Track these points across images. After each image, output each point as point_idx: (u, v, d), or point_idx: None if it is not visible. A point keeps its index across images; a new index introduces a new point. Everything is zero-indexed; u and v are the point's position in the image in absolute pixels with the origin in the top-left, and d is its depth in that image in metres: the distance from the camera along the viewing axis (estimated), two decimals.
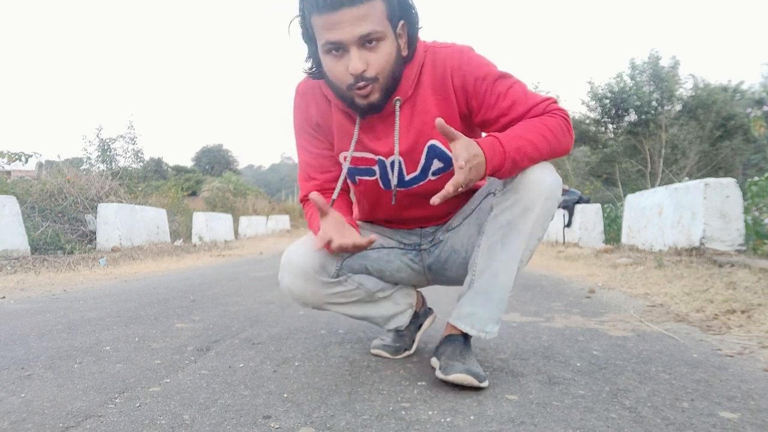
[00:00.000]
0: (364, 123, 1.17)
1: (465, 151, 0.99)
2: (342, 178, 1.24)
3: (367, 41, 1.01)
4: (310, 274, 1.22)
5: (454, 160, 0.99)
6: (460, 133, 1.02)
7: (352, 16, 0.98)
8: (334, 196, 1.25)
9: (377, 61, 1.04)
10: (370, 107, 1.10)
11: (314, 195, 1.12)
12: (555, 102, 1.15)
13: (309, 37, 1.09)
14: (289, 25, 1.10)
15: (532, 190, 1.11)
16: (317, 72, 1.14)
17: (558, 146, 1.11)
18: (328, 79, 1.10)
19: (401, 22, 1.07)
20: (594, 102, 16.02)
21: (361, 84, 1.05)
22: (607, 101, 15.62)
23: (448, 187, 0.98)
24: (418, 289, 1.53)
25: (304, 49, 1.14)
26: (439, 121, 0.99)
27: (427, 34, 1.16)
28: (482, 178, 1.07)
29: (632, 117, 15.65)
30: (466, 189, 1.02)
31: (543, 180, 1.11)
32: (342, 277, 1.27)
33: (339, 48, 1.03)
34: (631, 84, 15.32)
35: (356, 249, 1.14)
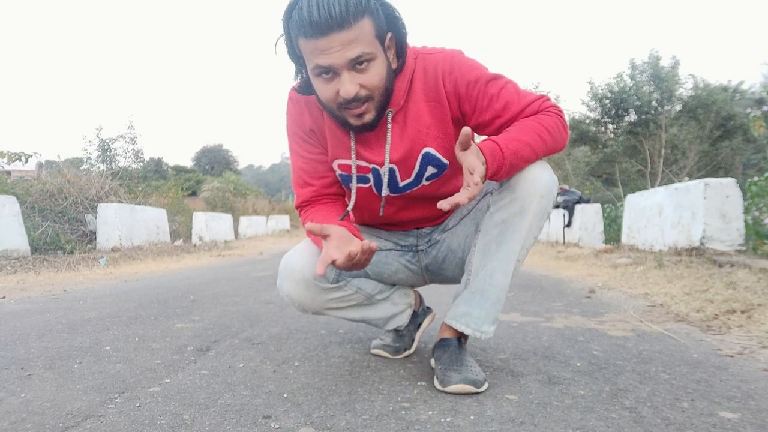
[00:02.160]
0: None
1: (478, 165, 0.96)
2: (354, 188, 1.22)
3: (357, 63, 1.00)
4: (309, 281, 1.21)
5: (466, 175, 0.95)
6: (472, 143, 0.99)
7: (342, 40, 0.96)
8: (349, 208, 1.22)
9: (369, 81, 1.02)
10: (365, 126, 1.09)
11: (310, 226, 1.05)
12: (548, 99, 1.14)
13: (296, 55, 1.07)
14: (275, 44, 1.07)
15: (528, 188, 1.11)
16: (306, 88, 1.13)
17: (554, 144, 1.11)
18: (319, 98, 1.09)
19: (389, 35, 1.05)
20: (594, 102, 16.02)
21: (354, 104, 1.04)
22: (607, 101, 15.62)
23: (463, 200, 0.93)
24: (416, 289, 1.53)
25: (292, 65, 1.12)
26: (466, 130, 0.96)
27: (425, 33, 1.15)
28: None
29: (632, 117, 15.65)
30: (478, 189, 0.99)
31: (539, 179, 1.11)
32: (341, 282, 1.27)
33: (329, 71, 1.01)
34: (631, 84, 15.32)
35: (364, 255, 1.05)
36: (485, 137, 1.10)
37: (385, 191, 1.21)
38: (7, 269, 4.22)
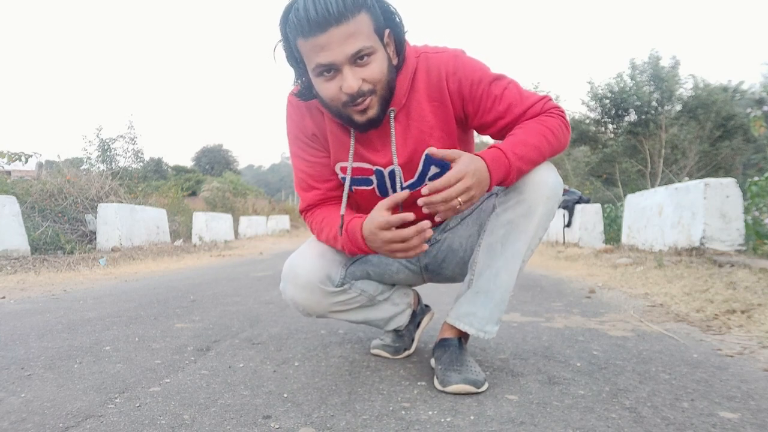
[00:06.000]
0: (359, 133, 1.16)
1: (471, 164, 0.99)
2: (346, 192, 1.20)
3: (358, 58, 0.99)
4: (315, 285, 1.21)
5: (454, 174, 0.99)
6: (458, 151, 1.02)
7: (341, 35, 0.96)
8: (342, 211, 1.20)
9: (371, 75, 1.02)
10: (370, 123, 1.08)
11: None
12: (550, 100, 1.15)
13: (295, 59, 1.06)
14: (273, 50, 1.07)
15: (535, 190, 1.11)
16: (307, 93, 1.12)
17: (558, 145, 1.12)
18: (322, 99, 1.08)
19: (387, 31, 1.05)
20: (594, 102, 16.00)
21: (359, 100, 1.03)
22: (607, 101, 15.61)
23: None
24: (414, 288, 1.53)
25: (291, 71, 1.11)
26: (431, 150, 1.02)
27: (425, 33, 1.15)
28: (488, 190, 1.06)
29: (632, 117, 15.63)
30: (468, 205, 1.01)
31: (546, 181, 1.12)
32: (346, 286, 1.27)
33: (331, 69, 1.00)
34: (631, 84, 15.30)
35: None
36: (483, 140, 1.10)
37: (397, 189, 1.20)
38: (7, 269, 4.22)
